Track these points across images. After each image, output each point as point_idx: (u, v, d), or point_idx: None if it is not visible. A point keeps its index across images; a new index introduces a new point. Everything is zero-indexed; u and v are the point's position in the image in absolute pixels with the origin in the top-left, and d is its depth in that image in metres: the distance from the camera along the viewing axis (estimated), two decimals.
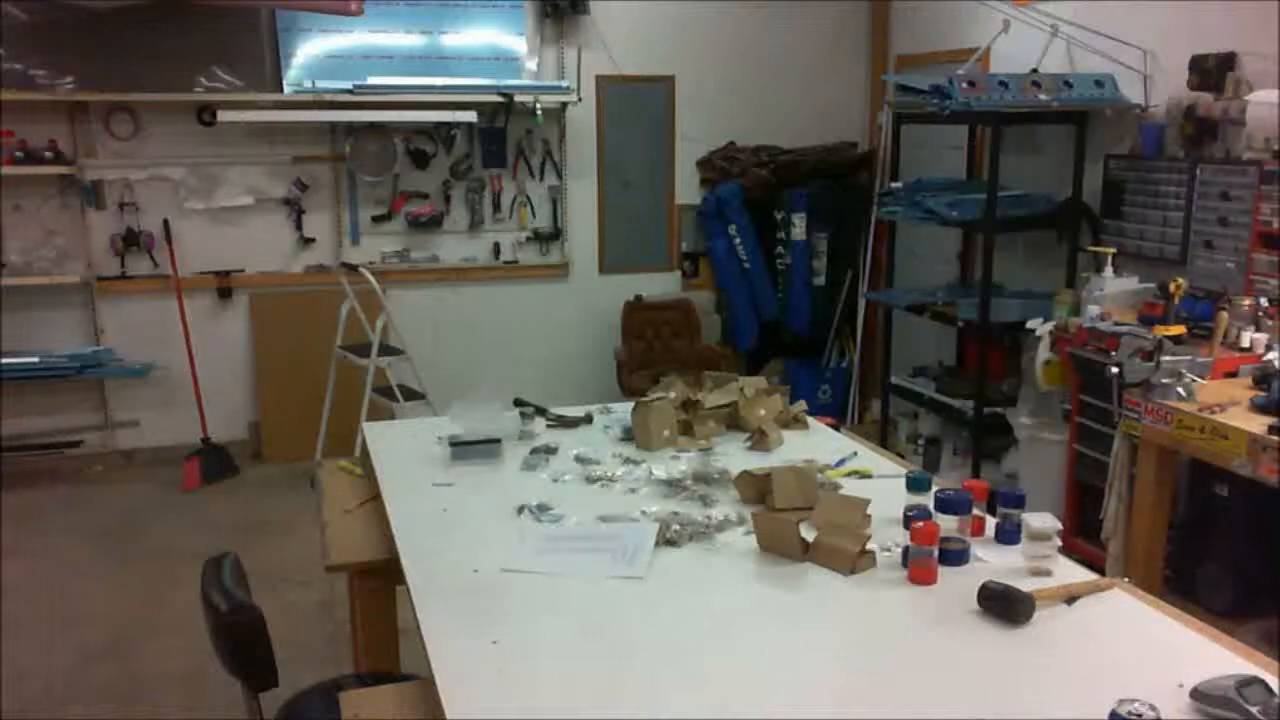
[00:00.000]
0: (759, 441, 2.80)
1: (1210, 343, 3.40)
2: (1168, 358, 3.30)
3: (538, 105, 5.46)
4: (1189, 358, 3.31)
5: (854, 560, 2.01)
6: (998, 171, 4.34)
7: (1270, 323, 3.43)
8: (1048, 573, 2.02)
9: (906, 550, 2.02)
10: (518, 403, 3.02)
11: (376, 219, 5.59)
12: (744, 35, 5.94)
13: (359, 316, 5.05)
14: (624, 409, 3.05)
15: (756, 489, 2.39)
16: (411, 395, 5.15)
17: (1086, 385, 3.77)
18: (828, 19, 6.04)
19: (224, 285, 5.42)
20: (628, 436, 2.87)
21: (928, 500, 2.23)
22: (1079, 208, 4.47)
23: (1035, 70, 4.56)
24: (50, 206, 5.16)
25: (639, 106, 5.90)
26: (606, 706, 1.59)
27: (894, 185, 5.09)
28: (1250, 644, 1.81)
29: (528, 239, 5.84)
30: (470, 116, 5.39)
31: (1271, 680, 1.57)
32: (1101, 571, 3.17)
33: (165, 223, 5.29)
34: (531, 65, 5.66)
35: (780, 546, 2.08)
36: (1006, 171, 4.58)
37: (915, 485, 2.28)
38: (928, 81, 4.40)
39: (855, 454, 2.75)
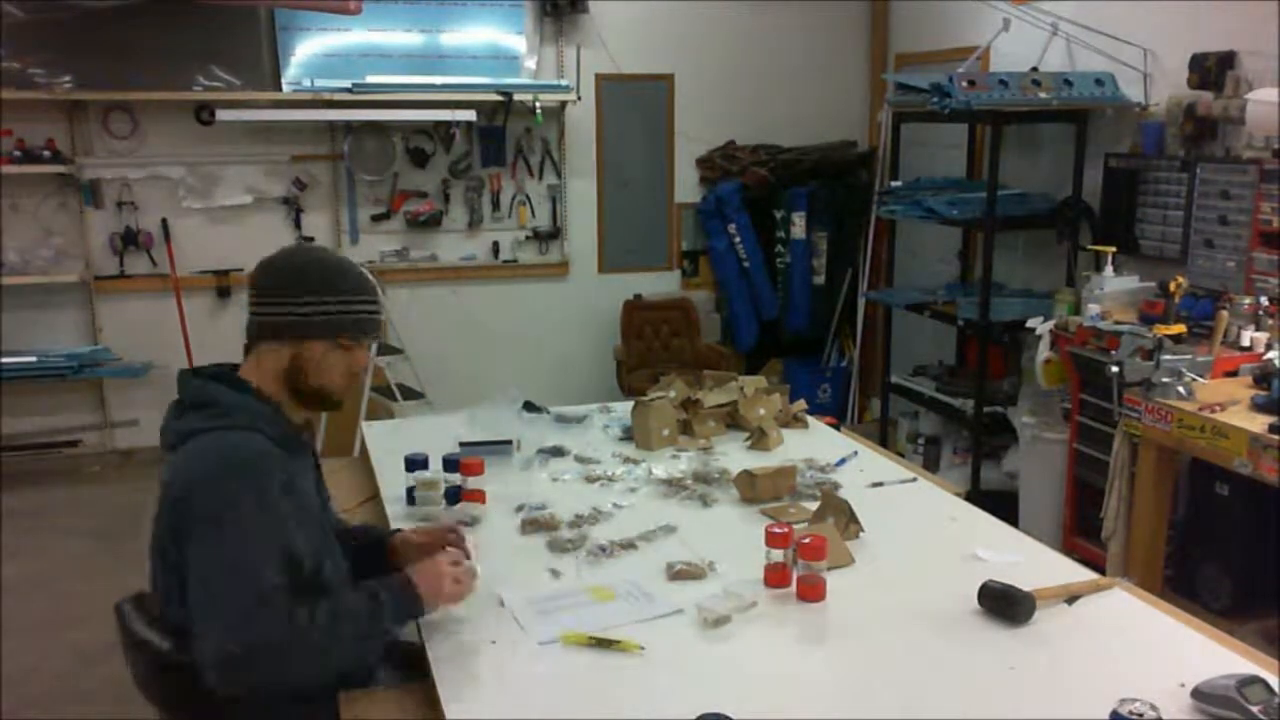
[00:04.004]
0: (759, 441, 2.80)
1: (1210, 342, 3.40)
2: (1168, 357, 3.30)
3: (537, 104, 5.46)
4: (1189, 357, 3.30)
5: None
6: (998, 170, 4.34)
7: (1270, 321, 3.42)
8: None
9: None
10: (527, 405, 3.02)
11: (375, 218, 5.58)
12: (744, 34, 5.93)
13: None
14: (624, 408, 3.05)
15: (756, 489, 2.39)
16: (410, 394, 5.15)
17: (1087, 384, 3.77)
18: (827, 17, 6.04)
19: (223, 284, 5.41)
20: (627, 436, 2.87)
21: None
22: (1079, 206, 4.47)
23: (1035, 69, 4.55)
24: (48, 206, 5.15)
25: (638, 105, 5.89)
26: (605, 706, 1.59)
27: (894, 184, 5.09)
28: (1250, 644, 1.81)
29: (527, 238, 5.84)
30: (469, 115, 5.39)
31: (1272, 680, 1.56)
32: (1102, 571, 3.17)
33: (164, 222, 5.28)
34: (531, 64, 5.65)
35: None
36: (1006, 170, 4.57)
37: None
38: (927, 80, 4.39)
39: (855, 453, 2.75)
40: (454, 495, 2.35)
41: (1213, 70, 3.80)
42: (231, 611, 1.57)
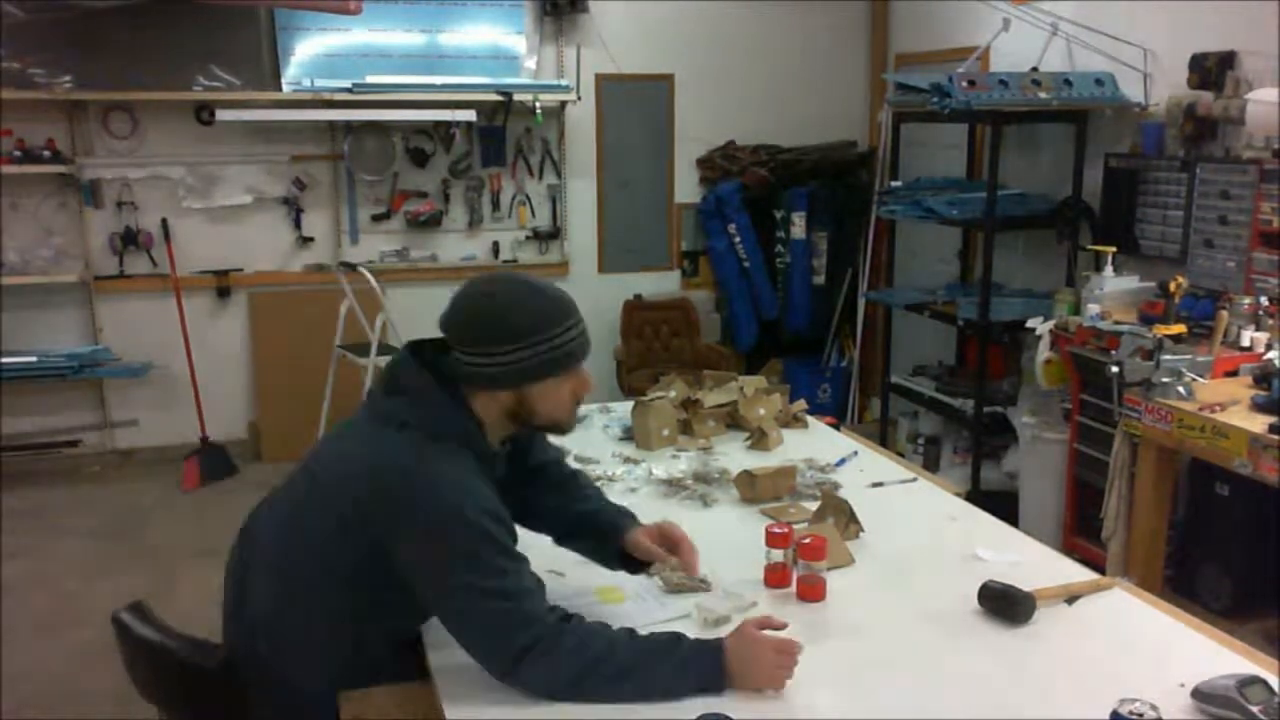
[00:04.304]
0: (759, 441, 2.80)
1: (1210, 342, 3.40)
2: (1168, 357, 3.30)
3: (537, 104, 5.46)
4: (1189, 357, 3.30)
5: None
6: (997, 170, 4.34)
7: (1270, 321, 3.42)
8: None
9: None
10: None
11: (375, 218, 5.58)
12: (744, 34, 5.93)
13: (358, 315, 5.05)
14: (624, 409, 3.05)
15: (756, 489, 2.39)
16: None
17: (1087, 384, 3.77)
18: (827, 17, 6.04)
19: (223, 284, 5.41)
20: (627, 436, 2.87)
21: None
22: (1079, 206, 4.47)
23: (1035, 69, 4.55)
24: (48, 206, 5.15)
25: (638, 105, 5.89)
26: (605, 706, 1.58)
27: (894, 184, 5.09)
28: (1250, 644, 1.81)
29: (527, 238, 5.83)
30: (469, 115, 5.39)
31: (1272, 680, 1.56)
32: (1102, 571, 3.17)
33: (164, 222, 5.28)
34: (531, 64, 5.65)
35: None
36: (1006, 170, 4.57)
37: None
38: (927, 80, 4.39)
39: (855, 453, 2.75)
40: None
41: (1213, 70, 3.80)
42: (486, 617, 1.58)
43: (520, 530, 1.78)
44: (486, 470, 1.71)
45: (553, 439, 2.04)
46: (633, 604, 1.89)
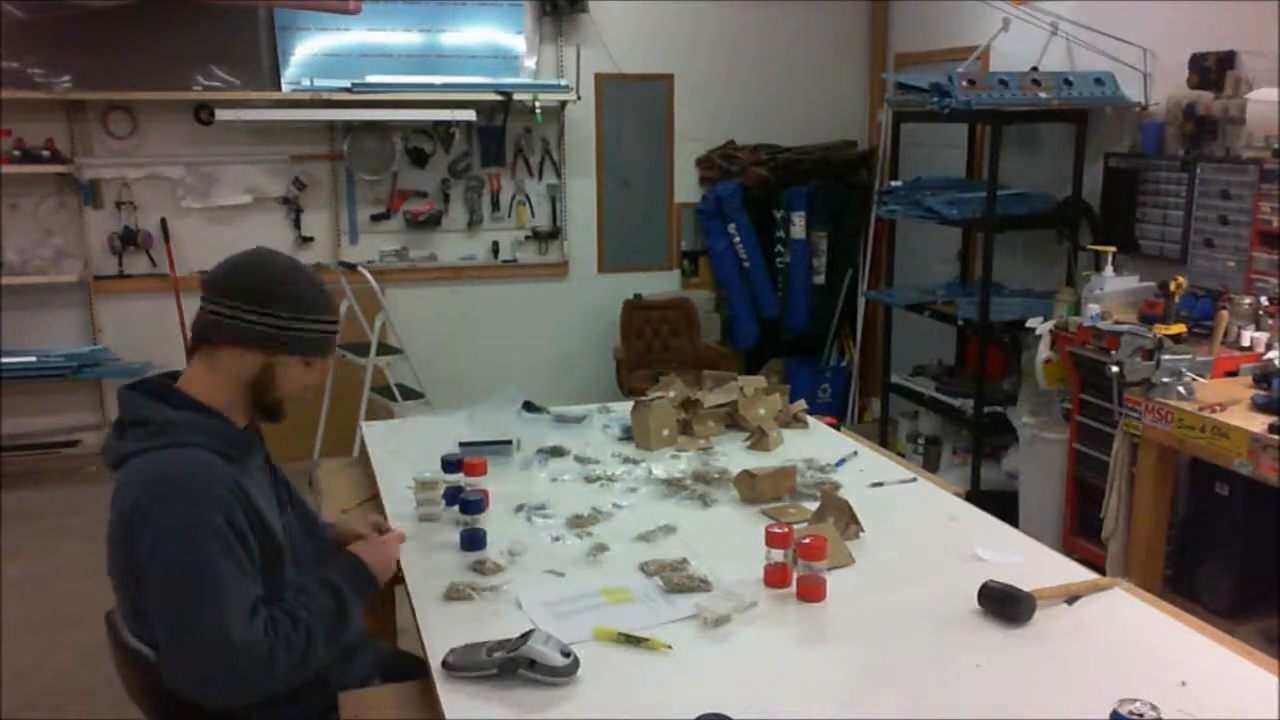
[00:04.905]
0: (759, 441, 2.80)
1: (1210, 341, 3.40)
2: (1168, 357, 3.30)
3: (537, 104, 5.46)
4: (1189, 356, 3.30)
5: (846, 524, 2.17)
6: (997, 170, 4.34)
7: (1270, 321, 3.42)
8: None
9: None
10: (527, 405, 3.02)
11: (375, 218, 5.58)
12: (744, 33, 5.93)
13: (357, 315, 5.05)
14: (623, 408, 3.05)
15: (756, 489, 2.39)
16: (410, 394, 5.15)
17: (1087, 384, 3.77)
18: (827, 17, 6.04)
19: None
20: (627, 436, 2.87)
21: None
22: (1079, 206, 4.47)
23: (1035, 68, 4.55)
24: (47, 205, 5.15)
25: (638, 105, 5.89)
26: (604, 707, 1.59)
27: (894, 184, 5.08)
28: (1250, 644, 1.81)
29: (526, 238, 5.83)
30: (469, 115, 5.39)
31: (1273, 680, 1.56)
32: (1102, 571, 3.17)
33: (163, 222, 5.28)
34: (530, 64, 5.65)
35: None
36: (1006, 170, 4.57)
37: None
38: (927, 80, 4.40)
39: (855, 453, 2.75)
40: (453, 496, 2.34)
41: (1213, 70, 3.80)
42: (196, 645, 1.59)
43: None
44: (234, 454, 1.75)
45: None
46: (641, 605, 1.89)
